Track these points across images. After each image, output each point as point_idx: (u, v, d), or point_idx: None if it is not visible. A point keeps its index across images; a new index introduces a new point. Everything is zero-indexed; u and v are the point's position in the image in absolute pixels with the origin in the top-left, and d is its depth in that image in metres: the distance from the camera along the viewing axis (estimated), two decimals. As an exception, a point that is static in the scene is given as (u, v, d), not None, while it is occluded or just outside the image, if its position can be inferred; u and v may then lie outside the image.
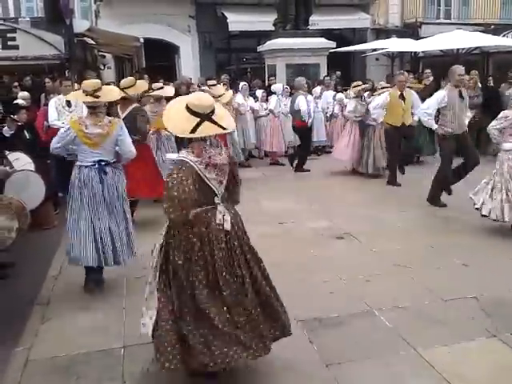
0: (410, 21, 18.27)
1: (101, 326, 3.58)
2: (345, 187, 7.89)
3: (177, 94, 7.17)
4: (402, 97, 7.49)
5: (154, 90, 6.93)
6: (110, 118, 4.19)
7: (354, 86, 8.78)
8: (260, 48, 13.28)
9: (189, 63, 16.81)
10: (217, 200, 2.76)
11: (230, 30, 15.97)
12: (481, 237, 5.36)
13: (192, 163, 2.63)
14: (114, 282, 4.28)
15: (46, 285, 4.35)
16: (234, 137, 8.26)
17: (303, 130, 8.94)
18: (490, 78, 10.41)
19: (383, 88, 8.18)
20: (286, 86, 10.37)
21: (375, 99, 8.01)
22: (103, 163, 4.04)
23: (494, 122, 5.43)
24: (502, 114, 5.38)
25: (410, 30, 17.71)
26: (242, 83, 10.13)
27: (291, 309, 3.76)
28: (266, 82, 12.09)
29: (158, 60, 15.72)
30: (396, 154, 7.71)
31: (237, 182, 2.94)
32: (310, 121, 8.93)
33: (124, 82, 5.82)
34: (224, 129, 2.68)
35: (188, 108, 2.69)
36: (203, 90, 8.42)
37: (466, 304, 3.85)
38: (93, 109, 4.06)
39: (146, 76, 10.07)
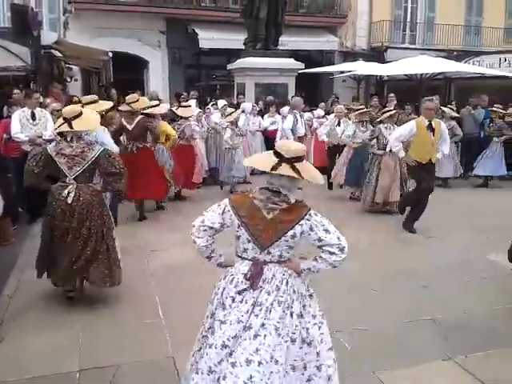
0: (376, 45, 18.78)
1: (56, 348, 3.47)
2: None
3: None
4: (430, 128, 6.14)
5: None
6: None
7: (356, 110, 8.26)
8: (230, 66, 13.39)
9: (158, 78, 16.81)
10: (67, 180, 3.91)
11: (200, 46, 16.06)
12: (442, 259, 5.48)
13: (48, 150, 3.93)
14: (73, 301, 4.18)
15: None
16: (239, 154, 8.44)
17: None
18: (453, 102, 10.75)
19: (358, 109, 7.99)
20: (254, 105, 10.48)
21: (398, 129, 6.73)
22: None
23: None
24: None
25: (377, 54, 18.19)
26: (220, 101, 10.19)
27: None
28: (235, 99, 12.18)
29: (127, 74, 15.63)
30: (422, 193, 6.30)
31: (113, 172, 4.01)
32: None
33: (128, 98, 6.60)
34: (72, 128, 3.87)
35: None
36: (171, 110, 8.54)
37: (424, 326, 3.92)
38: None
39: (113, 90, 9.98)
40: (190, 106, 8.37)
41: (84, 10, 15.34)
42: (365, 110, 8.18)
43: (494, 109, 9.67)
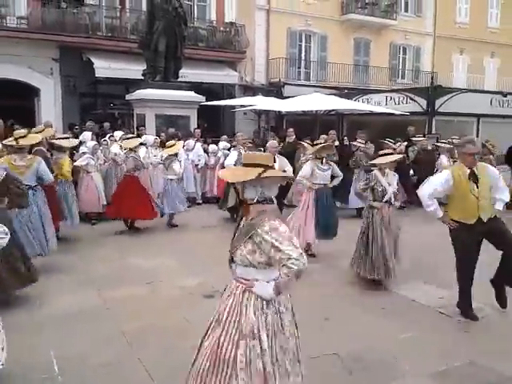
0: (274, 80, 19.53)
1: None
2: (217, 241, 7.79)
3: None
4: (473, 177, 4.69)
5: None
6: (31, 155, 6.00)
7: (314, 144, 7.23)
8: (129, 96, 13.10)
9: (50, 106, 15.94)
10: None
11: (96, 75, 15.53)
12: (343, 289, 5.65)
13: None
14: None
15: None
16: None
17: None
18: (345, 137, 11.40)
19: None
20: (155, 137, 10.28)
21: (429, 182, 5.02)
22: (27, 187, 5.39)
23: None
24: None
25: (275, 89, 18.91)
26: (117, 133, 9.92)
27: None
28: (135, 131, 11.89)
29: (16, 102, 14.64)
30: (469, 269, 4.79)
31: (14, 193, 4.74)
32: None
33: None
34: None
35: None
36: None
37: (328, 361, 3.95)
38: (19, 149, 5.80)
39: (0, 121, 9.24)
40: (134, 137, 8.80)
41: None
42: (325, 144, 7.09)
43: (385, 141, 10.24)
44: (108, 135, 9.94)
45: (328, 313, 4.89)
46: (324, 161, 6.80)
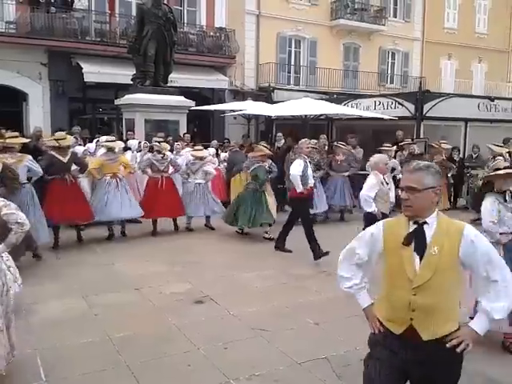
0: (264, 85, 19.56)
1: None
2: (207, 247, 7.82)
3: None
4: (418, 239, 2.29)
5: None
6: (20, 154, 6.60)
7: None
8: (117, 101, 13.05)
9: (38, 111, 15.86)
10: None
11: (85, 80, 15.46)
12: (332, 294, 5.63)
13: None
14: None
15: None
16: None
17: (300, 200, 7.15)
18: (335, 142, 11.43)
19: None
20: (145, 142, 10.22)
21: None
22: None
23: None
24: None
25: (265, 94, 18.91)
26: (102, 138, 9.82)
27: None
28: (124, 135, 11.85)
29: (3, 106, 14.55)
30: None
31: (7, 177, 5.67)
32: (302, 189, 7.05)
33: (57, 135, 7.54)
34: None
35: None
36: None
37: (318, 366, 3.94)
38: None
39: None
40: (164, 141, 9.37)
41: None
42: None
43: (338, 144, 10.29)
44: (95, 140, 9.89)
45: (318, 318, 4.89)
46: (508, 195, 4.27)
